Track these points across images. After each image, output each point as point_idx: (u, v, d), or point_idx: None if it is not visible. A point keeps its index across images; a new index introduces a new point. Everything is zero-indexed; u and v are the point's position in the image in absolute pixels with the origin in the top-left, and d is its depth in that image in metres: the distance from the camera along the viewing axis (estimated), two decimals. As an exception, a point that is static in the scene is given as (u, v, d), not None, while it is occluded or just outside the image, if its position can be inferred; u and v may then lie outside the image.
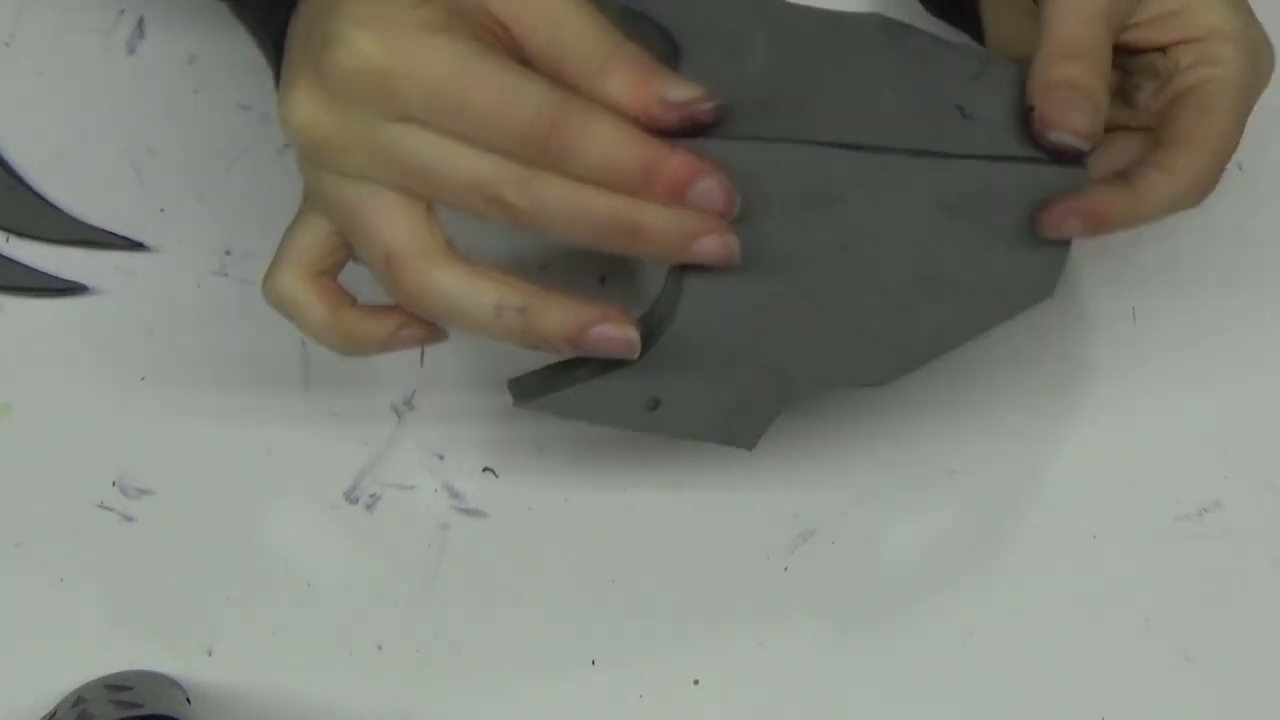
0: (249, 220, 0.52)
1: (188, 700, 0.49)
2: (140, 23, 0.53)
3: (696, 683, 0.50)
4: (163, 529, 0.50)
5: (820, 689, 0.50)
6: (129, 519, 0.50)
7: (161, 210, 0.52)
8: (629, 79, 0.39)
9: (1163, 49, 0.46)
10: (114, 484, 0.50)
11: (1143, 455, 0.51)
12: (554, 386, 0.44)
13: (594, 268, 0.52)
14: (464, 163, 0.39)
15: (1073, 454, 0.51)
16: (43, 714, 0.48)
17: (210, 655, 0.50)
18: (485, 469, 0.51)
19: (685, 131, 0.39)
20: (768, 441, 0.51)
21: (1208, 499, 0.51)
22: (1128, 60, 0.46)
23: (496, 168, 0.39)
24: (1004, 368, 0.52)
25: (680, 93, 0.39)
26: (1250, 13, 0.46)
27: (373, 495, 0.51)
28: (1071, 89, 0.42)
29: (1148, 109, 0.46)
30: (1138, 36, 0.45)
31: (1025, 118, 0.42)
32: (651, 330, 0.43)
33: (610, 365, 0.43)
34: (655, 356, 0.43)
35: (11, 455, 0.51)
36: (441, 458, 0.51)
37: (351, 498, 0.51)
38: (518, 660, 0.50)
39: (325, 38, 0.38)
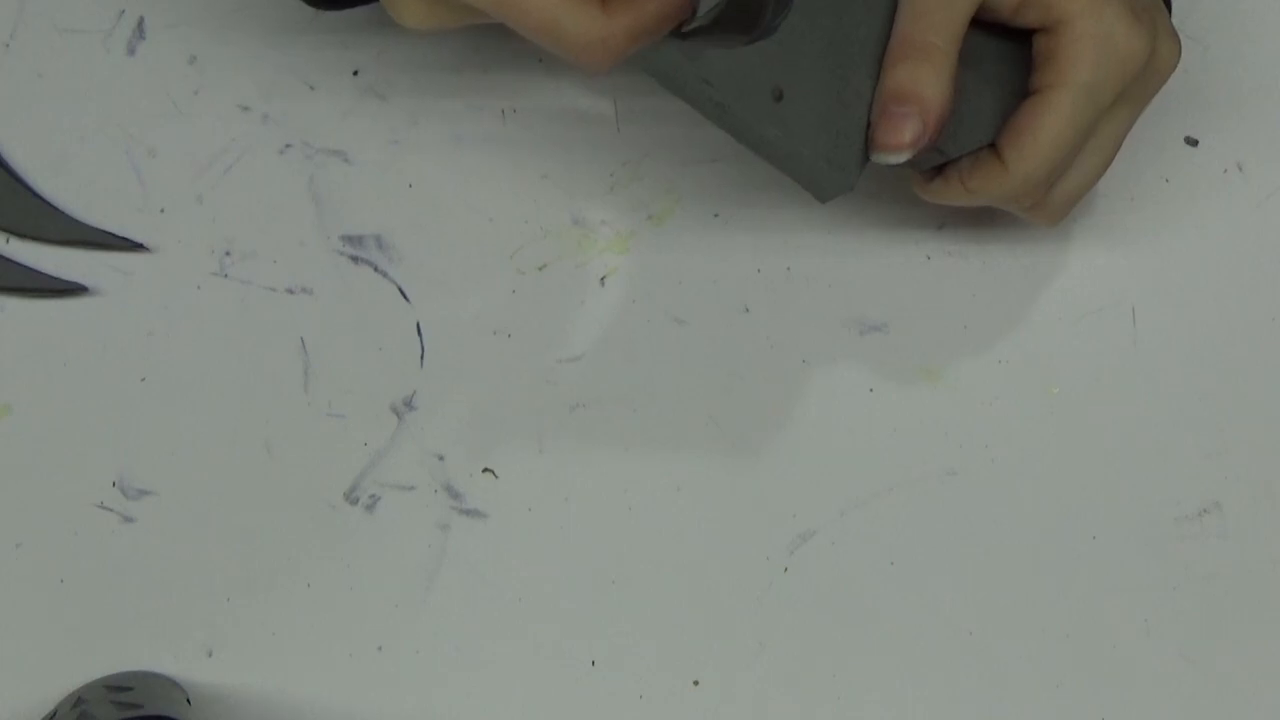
0: (249, 220, 0.52)
1: (188, 700, 0.49)
2: (140, 23, 0.53)
3: (696, 683, 0.50)
4: (163, 529, 0.50)
5: (820, 689, 0.50)
6: (129, 519, 0.50)
7: (161, 210, 0.52)
8: None
9: (1031, 31, 0.45)
10: (114, 484, 0.50)
11: (1143, 455, 0.51)
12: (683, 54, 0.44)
13: (594, 269, 0.52)
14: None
15: (1073, 454, 0.51)
16: (43, 714, 0.48)
17: (210, 655, 0.50)
18: (485, 469, 0.51)
19: None
20: (768, 441, 0.51)
21: (1208, 499, 0.51)
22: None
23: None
24: (1003, 368, 0.52)
25: None
26: (1134, 7, 0.44)
27: (373, 496, 0.51)
28: (905, 100, 0.44)
29: None
30: (1004, 18, 0.45)
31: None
32: (774, 18, 0.45)
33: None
34: (779, 44, 0.45)
35: (11, 455, 0.51)
36: (441, 458, 0.51)
37: (351, 498, 0.51)
38: (518, 660, 0.50)
39: None
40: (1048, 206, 0.47)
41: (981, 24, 0.45)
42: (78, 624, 0.50)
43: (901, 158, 0.44)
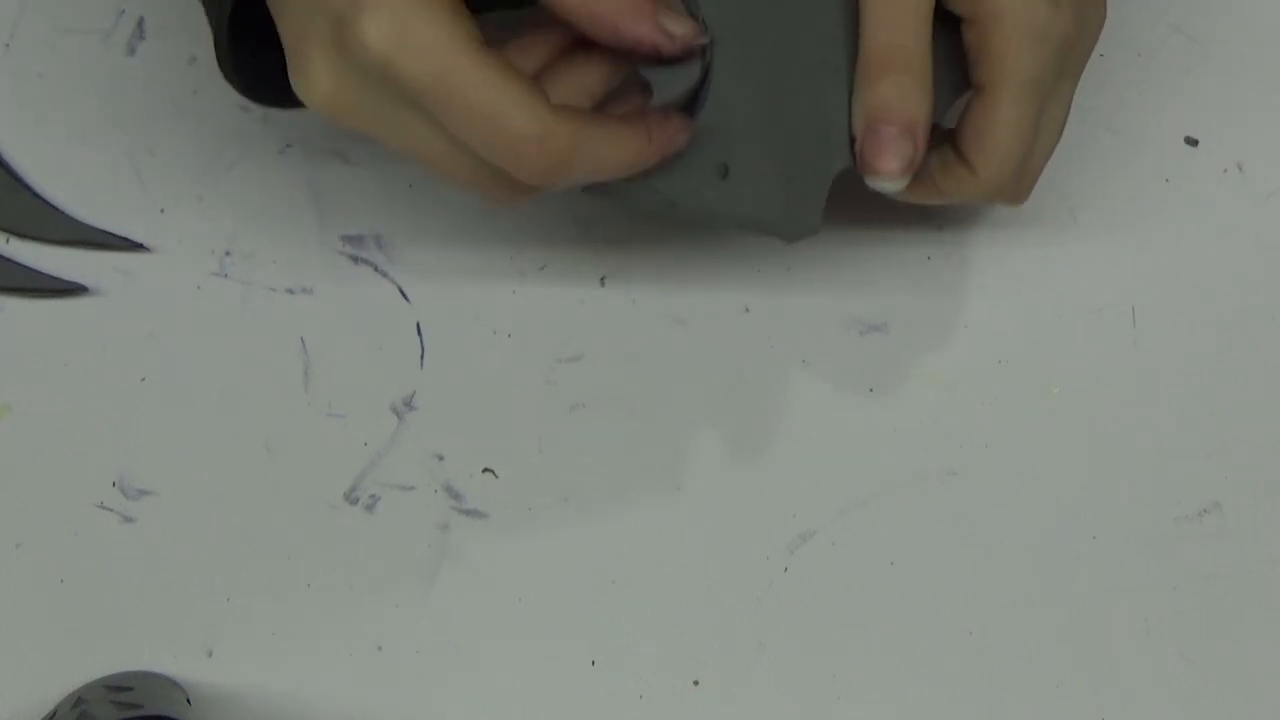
0: (249, 220, 0.52)
1: (188, 700, 0.49)
2: (140, 23, 0.53)
3: (696, 683, 0.50)
4: (163, 529, 0.50)
5: (820, 689, 0.50)
6: (129, 519, 0.50)
7: (161, 210, 0.52)
8: (628, 9, 0.40)
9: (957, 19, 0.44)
10: (114, 484, 0.50)
11: (1143, 455, 0.51)
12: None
13: (594, 269, 0.52)
14: (451, 164, 0.40)
15: (1073, 454, 0.51)
16: (43, 714, 0.48)
17: (210, 655, 0.50)
18: (485, 469, 0.51)
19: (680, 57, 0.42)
20: (768, 442, 0.51)
21: (1208, 500, 0.51)
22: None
23: (490, 180, 0.40)
24: (1003, 366, 0.52)
25: (679, 27, 0.41)
26: None
27: (373, 496, 0.51)
28: (890, 120, 0.43)
29: None
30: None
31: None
32: (695, 103, 0.44)
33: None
34: (708, 121, 0.44)
35: (11, 455, 0.51)
36: (441, 458, 0.51)
37: (351, 498, 0.51)
38: (518, 660, 0.50)
39: (342, 12, 0.38)
40: (1015, 191, 0.47)
41: None
42: (78, 624, 0.50)
43: (899, 185, 0.43)
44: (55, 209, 0.52)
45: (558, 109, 0.39)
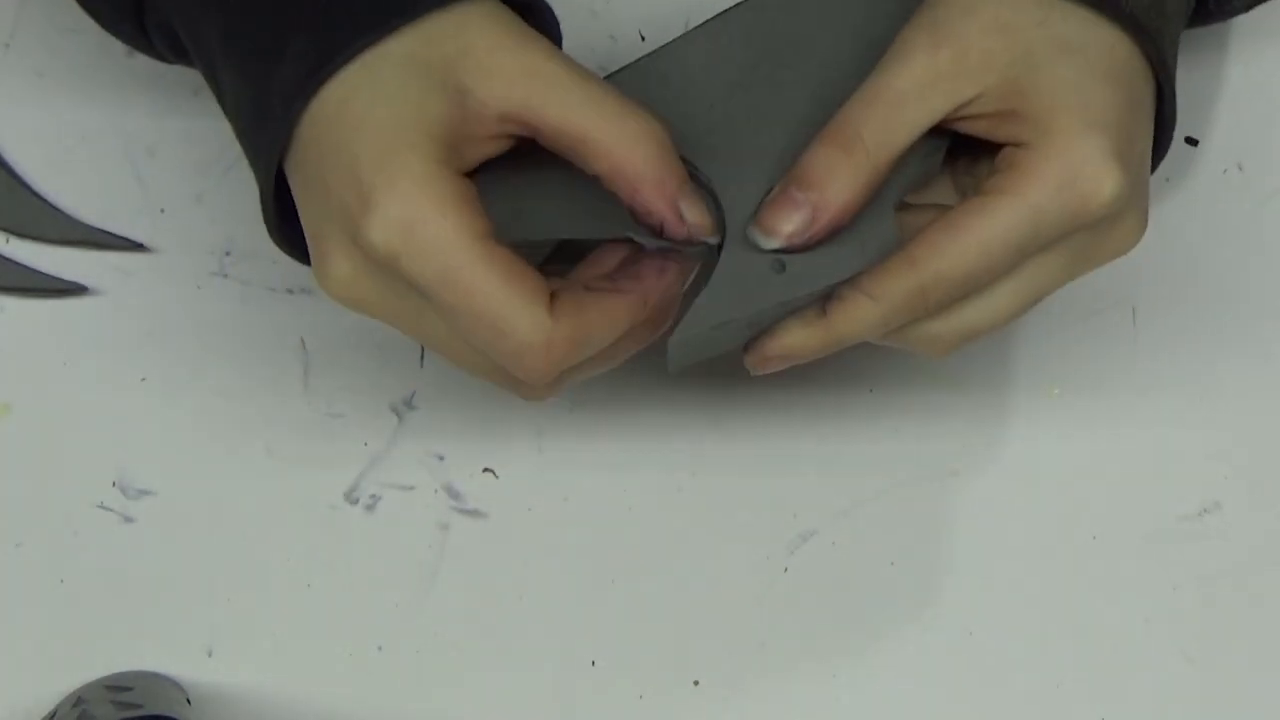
0: (249, 220, 0.52)
1: (188, 700, 0.49)
2: (140, 23, 0.53)
3: (696, 683, 0.50)
4: (163, 529, 0.50)
5: (820, 689, 0.50)
6: (129, 519, 0.50)
7: (161, 210, 0.52)
8: (653, 178, 0.39)
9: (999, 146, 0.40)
10: (114, 484, 0.50)
11: (1143, 455, 0.51)
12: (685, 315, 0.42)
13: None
14: (465, 357, 0.41)
15: (1073, 454, 0.51)
16: (43, 714, 0.48)
17: (210, 655, 0.50)
18: (485, 469, 0.51)
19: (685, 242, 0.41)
20: (769, 442, 0.51)
21: (1208, 499, 0.51)
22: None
23: (494, 372, 0.41)
24: (1004, 368, 0.52)
25: (694, 215, 0.40)
26: (1121, 151, 0.39)
27: (373, 496, 0.51)
28: (807, 189, 0.40)
29: None
30: (976, 130, 0.41)
31: None
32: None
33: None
34: (739, 236, 0.42)
35: (11, 455, 0.51)
36: (441, 458, 0.51)
37: (351, 498, 0.51)
38: (518, 660, 0.50)
39: (353, 210, 0.38)
40: (940, 334, 0.42)
41: None
42: (78, 624, 0.50)
43: (772, 243, 0.41)
44: (55, 209, 0.52)
45: (558, 312, 0.38)
